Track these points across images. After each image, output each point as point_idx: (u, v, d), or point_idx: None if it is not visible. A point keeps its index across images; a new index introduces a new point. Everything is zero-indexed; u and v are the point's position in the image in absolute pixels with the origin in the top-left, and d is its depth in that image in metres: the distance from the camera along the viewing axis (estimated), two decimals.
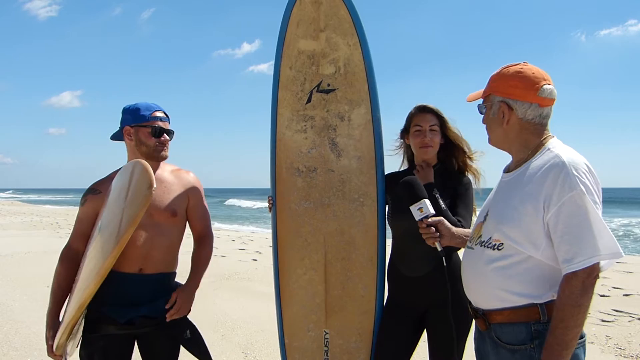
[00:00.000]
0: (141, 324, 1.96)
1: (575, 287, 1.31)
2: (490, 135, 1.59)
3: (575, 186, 1.32)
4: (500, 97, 1.51)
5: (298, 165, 2.35)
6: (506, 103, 1.50)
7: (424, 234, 1.74)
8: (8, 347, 4.14)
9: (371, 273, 2.29)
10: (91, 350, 1.95)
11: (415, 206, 1.75)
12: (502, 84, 1.51)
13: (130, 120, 2.04)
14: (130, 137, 2.05)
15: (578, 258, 1.31)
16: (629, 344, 4.21)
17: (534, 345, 1.40)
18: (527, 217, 1.39)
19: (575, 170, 1.34)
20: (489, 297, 1.49)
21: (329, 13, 2.27)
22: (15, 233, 13.25)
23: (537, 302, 1.41)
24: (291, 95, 2.34)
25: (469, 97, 1.64)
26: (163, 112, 2.09)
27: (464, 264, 1.63)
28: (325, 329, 2.33)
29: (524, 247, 1.40)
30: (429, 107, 2.18)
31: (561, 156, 1.38)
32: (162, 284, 2.05)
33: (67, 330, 1.84)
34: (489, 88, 1.55)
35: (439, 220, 1.74)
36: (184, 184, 2.14)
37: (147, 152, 2.04)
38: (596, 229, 1.31)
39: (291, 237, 2.36)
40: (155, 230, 2.00)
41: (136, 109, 2.05)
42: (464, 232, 1.77)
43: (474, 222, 1.81)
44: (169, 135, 2.09)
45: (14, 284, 6.44)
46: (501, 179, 1.62)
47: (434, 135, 2.15)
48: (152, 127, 2.03)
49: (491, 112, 1.54)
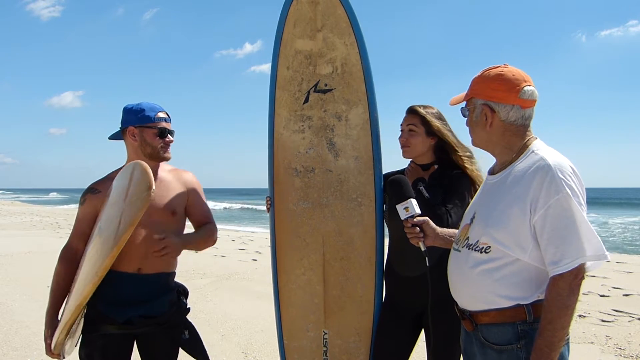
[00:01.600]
0: (140, 323, 1.96)
1: (562, 288, 1.34)
2: (473, 137, 1.61)
3: (561, 189, 1.34)
4: (482, 99, 1.52)
5: (296, 166, 2.34)
6: (488, 106, 1.51)
7: (408, 233, 1.74)
8: (8, 347, 4.14)
9: (370, 273, 2.29)
10: (90, 349, 1.95)
11: (401, 205, 1.74)
12: (484, 87, 1.53)
13: (135, 121, 2.04)
14: (134, 137, 2.04)
15: (565, 260, 1.33)
16: (629, 344, 4.21)
17: (521, 345, 1.42)
18: (514, 220, 1.41)
19: (561, 173, 1.36)
20: (476, 299, 1.51)
21: (326, 13, 2.26)
22: (15, 233, 13.26)
23: (523, 303, 1.42)
24: (288, 95, 2.33)
25: (452, 100, 1.64)
26: (166, 112, 2.09)
27: (451, 266, 1.63)
28: (324, 329, 2.33)
29: (511, 250, 1.42)
30: (412, 107, 2.20)
31: (547, 159, 1.40)
32: (161, 284, 2.05)
33: (65, 329, 1.84)
34: (471, 91, 1.56)
35: (424, 221, 1.74)
36: (183, 183, 2.14)
37: (152, 153, 2.04)
38: (582, 231, 1.34)
39: (289, 238, 2.35)
40: (154, 230, 1.99)
41: (141, 109, 2.04)
42: (448, 232, 1.77)
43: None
44: (172, 136, 2.09)
45: (14, 284, 6.44)
46: (486, 181, 1.63)
47: (410, 135, 2.17)
48: (157, 128, 2.04)
49: (474, 115, 1.56)
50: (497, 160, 1.59)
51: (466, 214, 1.66)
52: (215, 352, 4.10)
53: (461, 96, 1.61)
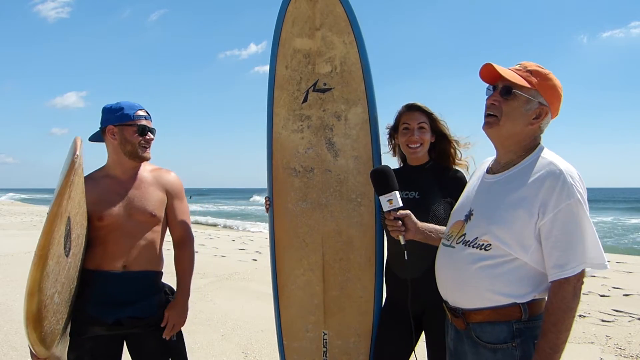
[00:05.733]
0: (129, 324, 1.96)
1: (568, 292, 1.36)
2: (506, 124, 1.49)
3: (572, 195, 1.37)
4: (544, 100, 1.48)
5: (295, 165, 2.33)
6: (546, 108, 1.49)
7: (389, 226, 1.72)
8: (8, 347, 4.14)
9: (369, 273, 2.28)
10: (80, 352, 1.94)
11: (385, 197, 1.71)
12: (550, 90, 1.49)
13: (114, 119, 2.04)
14: (114, 136, 2.04)
15: (571, 264, 1.36)
16: (629, 344, 4.20)
17: (516, 343, 1.43)
18: (519, 220, 1.41)
19: (571, 179, 1.39)
20: (472, 296, 1.50)
21: (324, 11, 2.25)
22: (15, 233, 13.26)
23: (519, 302, 1.44)
24: (287, 94, 2.32)
25: (501, 69, 1.48)
26: (145, 111, 2.09)
27: (441, 263, 1.62)
28: (324, 330, 2.32)
29: (512, 249, 1.42)
30: (417, 105, 2.18)
31: (557, 164, 1.42)
32: (147, 283, 2.05)
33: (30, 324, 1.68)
34: (538, 84, 1.47)
35: (407, 214, 1.73)
36: (164, 184, 2.13)
37: (132, 151, 2.04)
38: (588, 237, 1.38)
39: (289, 238, 2.34)
40: (136, 229, 2.01)
41: (120, 107, 2.05)
42: (427, 227, 1.77)
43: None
44: (152, 134, 2.09)
45: (14, 284, 6.43)
46: (483, 178, 1.62)
47: (422, 133, 2.14)
48: (137, 125, 2.04)
49: (525, 106, 1.48)
50: (501, 158, 1.57)
51: (458, 210, 1.65)
52: (215, 352, 4.09)
53: (513, 75, 1.48)
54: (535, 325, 1.43)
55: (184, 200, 2.19)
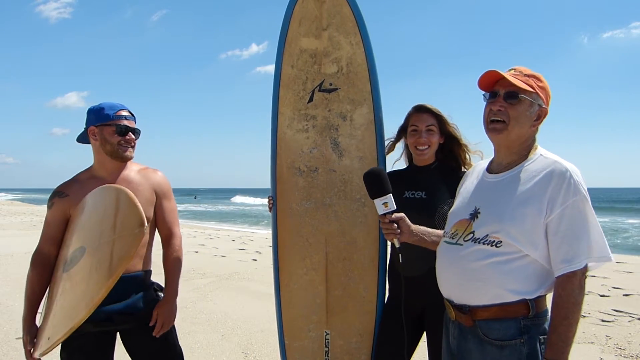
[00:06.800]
0: (119, 320, 1.96)
1: (575, 285, 1.40)
2: (515, 128, 1.53)
3: (579, 191, 1.42)
4: (542, 102, 1.55)
5: (299, 165, 2.34)
6: (545, 110, 1.56)
7: (384, 229, 1.72)
8: (8, 347, 4.13)
9: (372, 274, 2.29)
10: (70, 350, 1.95)
11: (380, 200, 1.70)
12: (544, 91, 1.56)
13: (94, 120, 2.03)
14: (95, 137, 2.03)
15: (578, 258, 1.41)
16: (629, 344, 4.21)
17: (524, 340, 1.45)
18: (529, 217, 1.45)
19: (577, 177, 1.44)
20: (480, 292, 1.50)
21: (332, 11, 2.25)
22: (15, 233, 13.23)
23: (528, 298, 1.46)
24: (293, 94, 2.33)
25: (509, 77, 1.52)
26: (128, 111, 2.07)
27: (445, 261, 1.63)
28: (326, 330, 2.32)
29: (523, 246, 1.45)
30: (426, 106, 2.17)
31: (562, 162, 1.47)
32: (136, 283, 2.04)
33: (53, 346, 1.76)
34: (538, 88, 1.54)
35: (401, 217, 1.72)
36: (152, 184, 2.12)
37: (112, 151, 2.02)
38: (593, 232, 1.42)
39: (292, 238, 2.35)
40: None
41: (100, 108, 2.04)
42: (421, 230, 1.77)
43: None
44: (134, 134, 2.07)
45: (14, 284, 6.42)
46: (483, 178, 1.64)
47: (430, 135, 2.14)
48: (116, 125, 2.02)
49: (530, 110, 1.54)
50: (502, 159, 1.59)
51: (459, 210, 1.65)
52: (215, 352, 4.09)
53: (515, 80, 1.52)
54: (541, 321, 1.47)
55: (172, 200, 2.18)
